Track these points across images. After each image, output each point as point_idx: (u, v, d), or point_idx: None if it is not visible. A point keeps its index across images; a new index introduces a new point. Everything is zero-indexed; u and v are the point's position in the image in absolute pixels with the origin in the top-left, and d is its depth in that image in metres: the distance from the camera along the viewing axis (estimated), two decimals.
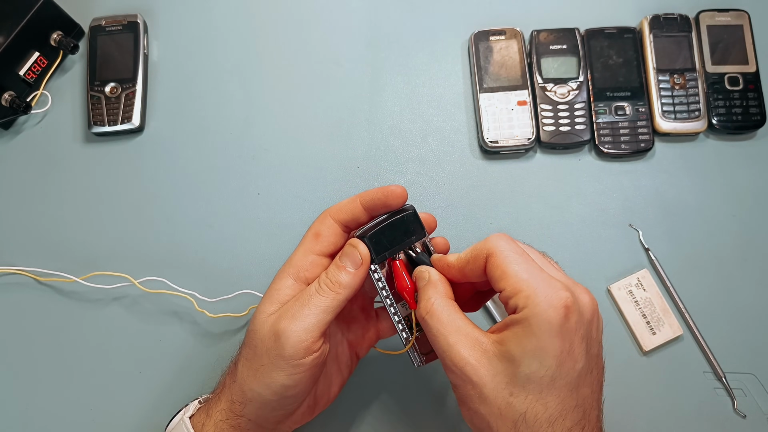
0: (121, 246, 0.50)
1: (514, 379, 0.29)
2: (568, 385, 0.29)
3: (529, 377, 0.28)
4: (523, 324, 0.29)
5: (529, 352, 0.28)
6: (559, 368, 0.28)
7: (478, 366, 0.30)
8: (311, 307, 0.33)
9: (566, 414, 0.29)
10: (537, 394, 0.28)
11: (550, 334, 0.28)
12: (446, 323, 0.31)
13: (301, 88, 0.54)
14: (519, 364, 0.29)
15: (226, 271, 0.49)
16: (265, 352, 0.33)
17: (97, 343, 0.48)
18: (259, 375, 0.34)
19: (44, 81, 0.54)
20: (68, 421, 0.46)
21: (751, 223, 0.50)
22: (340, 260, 0.35)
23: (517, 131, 0.51)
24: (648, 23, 0.53)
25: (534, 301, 0.29)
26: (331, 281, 0.34)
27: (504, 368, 0.29)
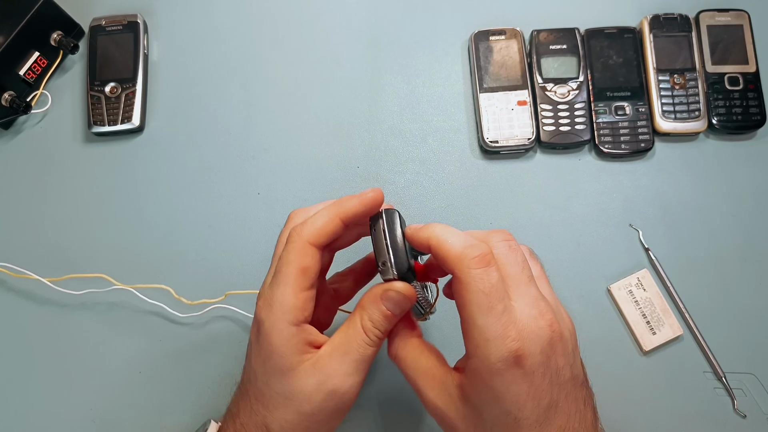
0: (120, 246, 0.50)
1: (480, 423, 0.29)
2: (536, 422, 0.28)
3: (494, 422, 0.29)
4: (474, 374, 0.29)
5: (487, 400, 0.28)
6: (521, 411, 0.28)
7: (446, 409, 0.30)
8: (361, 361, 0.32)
9: None
10: None
11: (506, 382, 0.27)
12: (412, 367, 0.32)
13: (301, 88, 0.54)
14: (481, 411, 0.29)
15: (227, 271, 0.49)
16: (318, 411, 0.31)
17: (97, 343, 0.48)
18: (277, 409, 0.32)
19: (44, 81, 0.54)
20: (68, 421, 0.46)
21: (751, 223, 0.50)
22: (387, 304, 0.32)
23: (517, 131, 0.51)
24: (648, 23, 0.53)
25: (482, 355, 0.28)
26: (380, 331, 0.32)
27: (470, 412, 0.29)
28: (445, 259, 0.29)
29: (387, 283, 0.32)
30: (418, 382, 0.31)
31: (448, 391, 0.30)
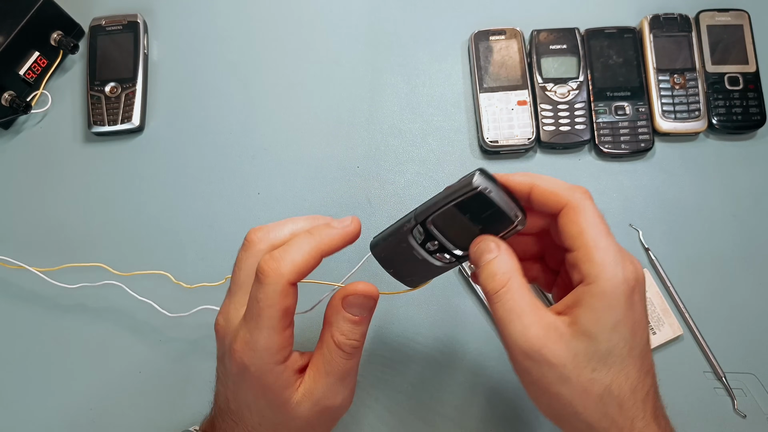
0: (120, 246, 0.50)
1: (595, 355, 0.28)
2: (641, 353, 0.29)
3: (611, 351, 0.28)
4: (598, 298, 0.28)
5: (608, 326, 0.28)
6: (633, 338, 0.29)
7: (556, 347, 0.28)
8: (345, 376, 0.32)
9: (643, 380, 0.29)
10: (619, 366, 0.29)
11: (625, 307, 0.28)
12: (520, 303, 0.29)
13: (301, 88, 0.55)
14: (598, 339, 0.28)
15: (227, 271, 0.49)
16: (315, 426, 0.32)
17: (97, 343, 0.48)
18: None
19: (44, 81, 0.54)
20: (68, 421, 0.46)
21: (751, 223, 0.50)
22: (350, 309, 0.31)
23: (517, 131, 0.51)
24: (648, 23, 0.53)
25: (609, 274, 0.28)
26: (355, 340, 0.31)
27: (584, 346, 0.28)
28: (556, 193, 0.30)
29: (343, 289, 0.31)
30: (524, 319, 0.29)
31: (557, 329, 0.29)
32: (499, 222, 0.31)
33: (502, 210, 0.30)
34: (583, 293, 0.29)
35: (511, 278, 0.30)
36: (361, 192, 0.52)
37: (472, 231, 0.32)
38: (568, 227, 0.30)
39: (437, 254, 0.33)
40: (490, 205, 0.30)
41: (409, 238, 0.33)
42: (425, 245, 0.33)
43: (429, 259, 0.33)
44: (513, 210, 0.31)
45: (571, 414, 0.29)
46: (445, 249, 0.33)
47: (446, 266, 0.34)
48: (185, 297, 0.47)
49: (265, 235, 0.32)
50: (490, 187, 0.30)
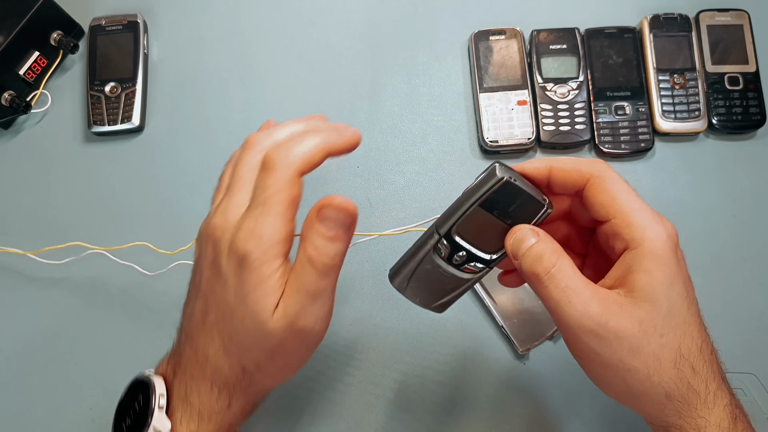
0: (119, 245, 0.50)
1: (659, 318, 0.28)
2: (697, 310, 0.29)
3: (672, 311, 0.28)
4: (651, 261, 0.28)
5: (665, 285, 0.28)
6: (688, 294, 0.29)
7: (620, 319, 0.27)
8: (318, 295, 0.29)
9: (705, 338, 0.29)
10: (683, 326, 0.28)
11: (675, 263, 0.28)
12: (575, 281, 0.28)
13: (301, 88, 0.54)
14: (659, 301, 0.28)
15: None
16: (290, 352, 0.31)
17: (98, 343, 0.48)
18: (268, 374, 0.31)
19: (44, 80, 0.54)
20: (68, 421, 0.46)
21: (751, 223, 0.50)
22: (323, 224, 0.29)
23: (517, 131, 0.51)
24: (648, 23, 0.53)
25: (653, 234, 0.28)
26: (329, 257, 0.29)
27: (647, 312, 0.28)
28: (577, 169, 0.30)
29: (318, 201, 0.30)
30: (583, 295, 0.28)
31: (616, 301, 0.28)
32: (529, 210, 0.30)
33: (531, 195, 0.30)
34: (632, 258, 0.28)
35: (560, 257, 0.29)
36: (361, 192, 0.52)
37: (502, 228, 0.31)
38: (599, 197, 0.29)
39: (465, 266, 0.32)
40: (518, 193, 0.30)
41: (433, 256, 0.32)
42: (452, 259, 0.32)
43: (457, 273, 0.32)
44: (540, 194, 0.30)
45: (648, 387, 0.28)
46: (474, 257, 0.32)
47: (476, 277, 0.33)
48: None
49: (266, 136, 0.32)
50: (513, 176, 0.29)
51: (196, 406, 0.31)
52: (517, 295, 0.48)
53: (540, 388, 0.46)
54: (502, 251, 0.31)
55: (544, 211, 0.30)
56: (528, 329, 0.47)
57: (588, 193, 0.30)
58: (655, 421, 0.30)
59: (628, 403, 0.30)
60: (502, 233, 0.31)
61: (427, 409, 0.46)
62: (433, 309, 0.35)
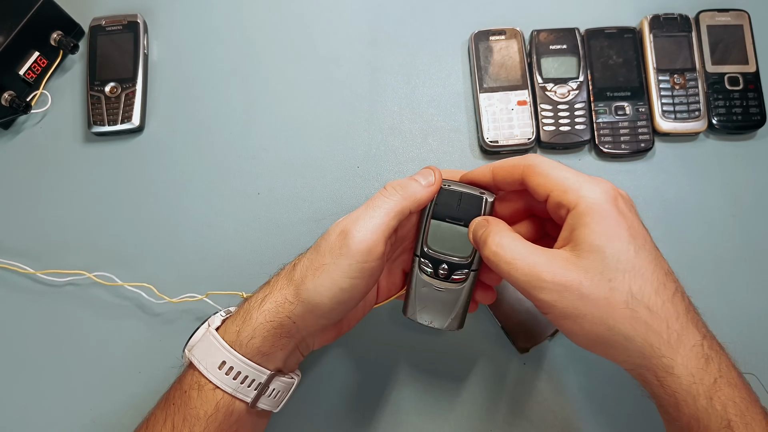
0: (120, 246, 0.50)
1: (604, 265, 0.29)
2: (651, 255, 0.30)
3: (618, 257, 0.29)
4: (588, 215, 0.30)
5: (606, 234, 0.30)
6: (635, 240, 0.30)
7: (566, 271, 0.30)
8: (376, 209, 0.34)
9: (664, 282, 0.30)
10: (632, 269, 0.30)
11: (615, 213, 0.30)
12: (519, 249, 0.31)
13: (301, 88, 0.54)
14: (602, 249, 0.29)
15: (226, 272, 0.49)
16: (329, 251, 0.34)
17: (98, 343, 0.48)
18: (318, 275, 0.34)
19: (44, 81, 0.54)
20: (68, 421, 0.46)
21: (751, 223, 0.50)
22: (414, 175, 0.36)
23: (517, 131, 0.51)
24: (648, 23, 0.53)
25: (587, 193, 0.31)
26: (400, 185, 0.35)
27: (590, 261, 0.30)
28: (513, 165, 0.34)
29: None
30: (528, 259, 0.31)
31: (561, 256, 0.30)
32: (473, 206, 0.36)
33: (468, 193, 0.36)
34: (572, 218, 0.31)
35: (499, 234, 0.32)
36: (361, 192, 0.52)
37: (461, 231, 0.35)
38: (535, 179, 0.33)
39: (452, 276, 0.36)
40: (456, 195, 0.36)
41: (423, 277, 0.36)
42: (438, 274, 0.36)
43: (449, 286, 0.36)
44: (476, 190, 0.36)
45: (605, 331, 0.30)
46: (455, 266, 0.35)
47: (467, 284, 0.36)
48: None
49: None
50: (447, 182, 0.36)
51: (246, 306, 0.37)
52: (516, 295, 0.48)
53: (540, 388, 0.46)
54: (474, 250, 0.36)
55: (485, 202, 0.36)
56: (528, 329, 0.47)
57: (527, 181, 0.33)
58: (624, 365, 0.31)
59: (595, 349, 0.32)
60: (464, 235, 0.35)
61: (427, 410, 0.46)
62: (450, 328, 0.38)
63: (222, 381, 0.35)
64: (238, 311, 0.37)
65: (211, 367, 0.35)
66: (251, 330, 0.35)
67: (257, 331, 0.35)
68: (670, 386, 0.30)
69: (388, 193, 0.34)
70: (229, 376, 0.35)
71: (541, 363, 0.47)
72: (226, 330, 0.36)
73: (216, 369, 0.35)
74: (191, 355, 0.36)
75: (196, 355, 0.36)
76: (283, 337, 0.35)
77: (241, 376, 0.35)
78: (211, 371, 0.35)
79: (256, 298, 0.36)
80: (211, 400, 0.35)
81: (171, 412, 0.35)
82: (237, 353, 0.35)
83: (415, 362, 0.47)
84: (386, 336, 0.48)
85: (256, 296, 0.37)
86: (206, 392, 0.35)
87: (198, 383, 0.35)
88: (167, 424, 0.35)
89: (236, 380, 0.35)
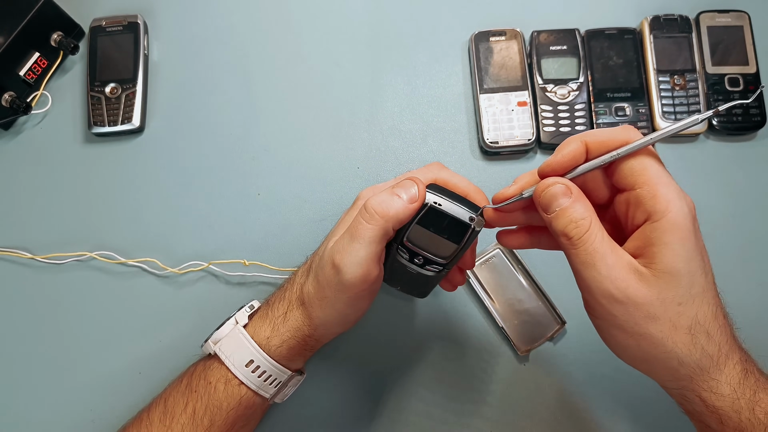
0: (120, 247, 0.50)
1: (679, 289, 0.29)
2: (711, 276, 0.30)
3: (692, 282, 0.29)
4: (672, 234, 0.29)
5: (686, 258, 0.29)
6: (705, 264, 0.30)
7: (640, 286, 0.29)
8: (360, 239, 0.33)
9: (719, 305, 0.30)
10: (701, 295, 0.29)
11: (695, 236, 0.29)
12: (603, 245, 0.29)
13: (301, 89, 0.54)
14: (681, 273, 0.29)
15: (226, 272, 0.49)
16: (327, 284, 0.36)
17: (98, 343, 0.48)
18: (324, 305, 0.36)
19: (44, 81, 0.54)
20: (68, 421, 0.46)
21: (750, 224, 0.50)
22: (395, 189, 0.34)
23: (518, 132, 0.51)
24: (648, 24, 0.53)
25: (675, 208, 0.29)
26: (381, 207, 0.33)
27: (666, 284, 0.29)
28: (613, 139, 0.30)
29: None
30: (608, 260, 0.29)
31: (638, 270, 0.29)
32: (458, 229, 0.34)
33: (455, 218, 0.34)
34: (654, 230, 0.29)
35: (592, 221, 0.30)
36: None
37: (442, 241, 0.35)
38: (631, 162, 0.30)
39: (426, 267, 0.37)
40: (442, 216, 0.34)
41: (399, 258, 0.37)
42: (413, 261, 0.37)
43: (421, 271, 0.37)
44: (465, 210, 0.34)
45: (661, 353, 0.29)
46: (429, 261, 0.36)
47: (438, 275, 0.37)
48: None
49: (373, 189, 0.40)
50: (439, 200, 0.34)
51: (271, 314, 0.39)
52: (517, 296, 0.48)
53: (540, 389, 0.46)
54: (451, 259, 0.36)
55: (473, 230, 0.34)
56: (528, 330, 0.47)
57: (623, 164, 0.30)
58: (668, 384, 0.32)
59: (640, 367, 0.31)
60: (443, 245, 0.35)
61: (427, 410, 0.46)
62: (415, 295, 0.42)
63: (248, 378, 0.38)
64: (264, 316, 0.40)
65: (238, 364, 0.38)
66: (279, 341, 0.38)
67: (285, 343, 0.38)
68: (713, 404, 0.30)
69: (370, 218, 0.33)
70: (255, 374, 0.38)
71: (541, 363, 0.47)
72: (255, 332, 0.39)
73: (243, 366, 0.38)
74: (218, 348, 0.39)
75: (223, 349, 0.38)
76: (307, 350, 0.40)
77: (265, 375, 0.38)
78: (239, 368, 0.38)
79: (279, 308, 0.39)
80: (236, 395, 0.38)
81: (193, 398, 0.38)
82: (266, 355, 0.38)
83: (414, 362, 0.47)
84: (386, 336, 0.48)
85: (278, 306, 0.39)
86: (232, 387, 0.38)
87: (225, 377, 0.38)
88: (188, 408, 0.38)
89: (260, 378, 0.38)
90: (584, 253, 0.29)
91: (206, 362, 0.40)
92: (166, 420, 0.38)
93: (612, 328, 0.30)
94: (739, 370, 0.30)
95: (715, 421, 0.31)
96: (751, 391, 0.30)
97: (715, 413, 0.30)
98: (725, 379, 0.30)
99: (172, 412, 0.38)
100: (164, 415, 0.38)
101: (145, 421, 0.39)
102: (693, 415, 0.32)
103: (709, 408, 0.30)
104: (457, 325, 0.48)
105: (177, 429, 0.37)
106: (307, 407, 0.46)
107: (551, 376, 0.47)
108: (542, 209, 0.31)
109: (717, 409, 0.30)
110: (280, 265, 0.48)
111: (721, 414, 0.30)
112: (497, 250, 0.49)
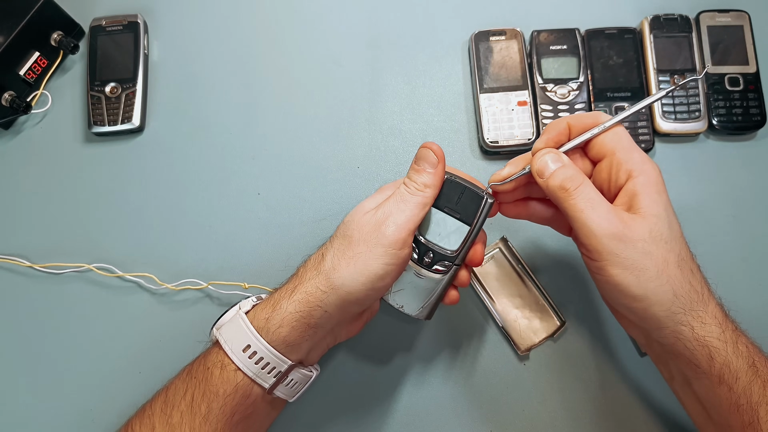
0: (120, 246, 0.50)
1: (664, 229, 0.34)
2: (678, 224, 0.35)
3: (671, 226, 0.34)
4: (651, 186, 0.34)
5: (664, 207, 0.34)
6: (675, 216, 0.35)
7: (634, 225, 0.33)
8: (407, 203, 0.36)
9: (689, 248, 0.35)
10: (679, 237, 0.35)
11: (665, 192, 0.35)
12: (598, 195, 0.34)
13: (301, 88, 0.54)
14: (663, 216, 0.34)
15: (226, 272, 0.49)
16: (363, 240, 0.36)
17: (98, 343, 0.48)
18: (353, 263, 0.36)
19: (44, 81, 0.54)
20: (68, 421, 0.46)
21: (751, 224, 0.50)
22: (417, 164, 0.37)
23: (518, 132, 0.51)
24: (648, 24, 0.53)
25: (650, 168, 0.35)
26: (416, 183, 0.36)
27: (653, 224, 0.33)
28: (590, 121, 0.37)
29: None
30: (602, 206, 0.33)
31: (628, 215, 0.34)
32: (473, 202, 0.37)
33: (471, 189, 0.37)
34: (636, 185, 0.34)
35: (584, 177, 0.35)
36: (362, 192, 0.52)
37: (456, 224, 0.37)
38: (608, 135, 0.36)
39: (435, 266, 0.37)
40: (458, 187, 0.37)
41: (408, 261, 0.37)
42: (422, 261, 0.37)
43: (429, 274, 0.37)
44: (477, 186, 0.37)
45: (658, 285, 0.33)
46: (440, 255, 0.37)
47: (447, 277, 0.38)
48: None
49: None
50: (448, 174, 0.37)
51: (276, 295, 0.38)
52: (517, 295, 0.48)
53: (540, 389, 0.46)
54: (462, 245, 0.37)
55: (486, 201, 0.37)
56: (528, 330, 0.47)
57: (608, 139, 0.36)
58: (662, 322, 0.34)
59: (638, 306, 0.34)
60: (455, 228, 0.37)
61: (427, 410, 0.46)
62: (419, 316, 0.40)
63: (244, 364, 0.37)
64: (268, 299, 0.39)
65: (235, 349, 0.37)
66: (280, 319, 0.37)
67: (285, 320, 0.37)
68: (704, 337, 0.34)
69: (413, 192, 0.36)
70: (252, 360, 0.37)
71: (541, 363, 0.47)
72: (255, 315, 0.38)
73: (240, 351, 0.37)
74: (218, 334, 0.38)
75: (223, 335, 0.38)
76: (311, 328, 0.37)
77: (263, 362, 0.37)
78: (236, 353, 0.37)
79: (286, 288, 0.38)
80: (232, 381, 0.37)
81: (192, 385, 0.38)
82: (263, 339, 0.37)
83: (414, 363, 0.47)
84: (386, 336, 0.48)
85: (285, 287, 0.38)
86: (228, 372, 0.37)
87: (222, 362, 0.37)
88: (187, 396, 0.37)
89: (258, 365, 0.37)
90: (584, 200, 0.34)
91: (209, 349, 0.40)
92: (167, 409, 0.38)
93: (613, 267, 0.33)
94: (720, 308, 0.35)
95: (705, 356, 0.34)
96: (733, 326, 0.35)
97: (706, 347, 0.34)
98: (711, 314, 0.34)
99: (172, 400, 0.38)
100: (165, 404, 0.38)
101: (148, 411, 0.38)
102: (682, 357, 0.35)
103: (701, 342, 0.34)
104: (457, 324, 0.48)
105: (176, 417, 0.37)
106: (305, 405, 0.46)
107: (551, 375, 0.47)
108: (538, 175, 0.36)
109: (708, 343, 0.33)
110: (281, 265, 0.48)
111: (711, 349, 0.33)
112: (497, 249, 0.49)
